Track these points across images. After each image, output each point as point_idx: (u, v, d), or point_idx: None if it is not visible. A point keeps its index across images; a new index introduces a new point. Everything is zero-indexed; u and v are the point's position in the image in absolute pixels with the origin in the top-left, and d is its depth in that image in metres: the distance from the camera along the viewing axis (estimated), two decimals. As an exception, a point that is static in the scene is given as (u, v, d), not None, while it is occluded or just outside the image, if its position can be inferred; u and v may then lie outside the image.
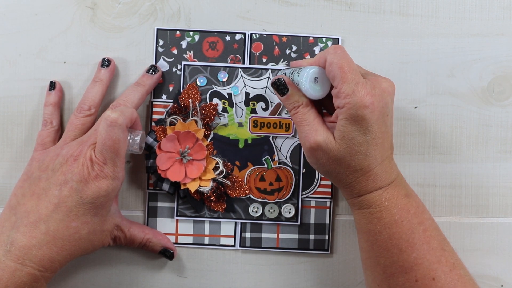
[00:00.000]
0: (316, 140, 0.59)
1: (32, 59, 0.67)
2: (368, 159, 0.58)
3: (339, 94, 0.57)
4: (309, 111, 0.61)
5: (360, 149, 0.58)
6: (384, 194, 0.59)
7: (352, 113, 0.57)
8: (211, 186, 0.66)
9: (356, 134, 0.58)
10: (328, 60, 0.58)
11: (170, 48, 0.68)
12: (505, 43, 0.68)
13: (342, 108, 0.57)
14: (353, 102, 0.57)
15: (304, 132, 0.60)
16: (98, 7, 0.67)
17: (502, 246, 0.69)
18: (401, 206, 0.59)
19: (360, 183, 0.59)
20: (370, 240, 0.60)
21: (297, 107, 0.61)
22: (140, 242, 0.66)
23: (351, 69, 0.57)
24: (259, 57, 0.68)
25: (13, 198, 0.61)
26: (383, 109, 0.58)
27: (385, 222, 0.59)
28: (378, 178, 0.59)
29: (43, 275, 0.59)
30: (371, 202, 0.60)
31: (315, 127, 0.60)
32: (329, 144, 0.59)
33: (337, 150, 0.58)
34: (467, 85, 0.68)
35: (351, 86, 0.57)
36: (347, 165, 0.59)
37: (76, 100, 0.68)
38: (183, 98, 0.67)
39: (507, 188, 0.69)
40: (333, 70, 0.58)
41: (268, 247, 0.69)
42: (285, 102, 0.62)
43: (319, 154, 0.59)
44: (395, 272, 0.59)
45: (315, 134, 0.59)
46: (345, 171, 0.59)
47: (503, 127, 0.69)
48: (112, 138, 0.59)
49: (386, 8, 0.68)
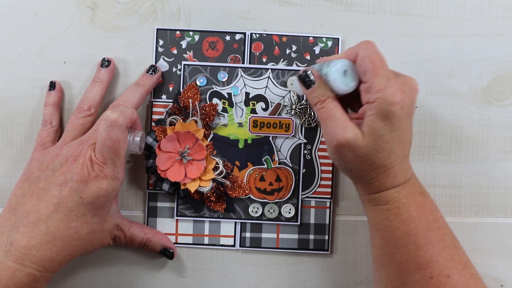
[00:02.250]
0: (346, 137, 0.57)
1: (32, 59, 0.67)
2: (391, 156, 0.58)
3: (370, 88, 0.56)
4: (336, 106, 0.59)
5: (386, 146, 0.57)
6: (402, 191, 0.59)
7: (383, 108, 0.56)
8: (211, 186, 0.66)
9: (384, 130, 0.57)
10: (361, 54, 0.57)
11: (170, 48, 0.68)
12: (505, 43, 0.68)
13: (373, 103, 0.56)
14: (385, 97, 0.56)
15: (332, 128, 0.58)
16: (98, 7, 0.67)
17: (502, 246, 0.69)
18: (418, 204, 0.59)
19: (380, 179, 0.59)
20: (386, 237, 0.60)
21: (322, 101, 0.59)
22: (140, 242, 0.66)
23: (383, 65, 0.57)
24: (259, 57, 0.68)
25: (13, 198, 0.61)
26: (411, 106, 0.58)
27: (403, 218, 0.59)
28: (398, 176, 0.59)
29: (43, 275, 0.59)
30: (389, 199, 0.59)
31: (343, 123, 0.58)
32: (357, 141, 0.57)
33: (365, 147, 0.57)
34: (467, 85, 0.68)
35: (383, 81, 0.56)
36: (371, 162, 0.58)
37: (76, 100, 0.68)
38: (183, 98, 0.67)
39: (507, 188, 0.69)
40: (365, 64, 0.57)
41: (268, 247, 0.69)
42: (310, 96, 0.60)
43: (346, 152, 0.58)
44: (411, 269, 0.59)
45: (344, 130, 0.57)
46: (368, 167, 0.58)
47: (503, 127, 0.69)
48: (112, 138, 0.59)
49: (386, 8, 0.68)
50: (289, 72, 0.68)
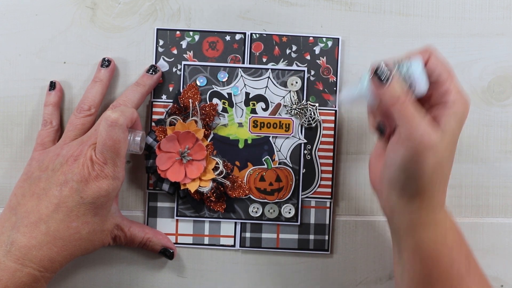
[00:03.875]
0: (432, 139, 0.52)
1: (32, 59, 0.67)
2: (451, 168, 0.55)
3: (449, 91, 0.54)
4: (416, 104, 0.53)
5: (454, 155, 0.55)
6: (447, 212, 0.57)
7: (461, 111, 0.54)
8: (211, 186, 0.66)
9: (458, 135, 0.54)
10: (434, 55, 0.55)
11: (170, 48, 0.68)
12: (505, 43, 0.68)
13: (453, 104, 0.54)
14: (463, 100, 0.54)
15: (415, 129, 0.52)
16: (98, 7, 0.67)
17: (502, 246, 0.69)
18: (458, 230, 0.57)
19: (442, 193, 0.55)
20: (429, 266, 0.55)
21: (404, 99, 0.53)
22: (140, 242, 0.66)
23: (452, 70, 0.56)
24: (259, 57, 0.68)
25: (13, 198, 0.61)
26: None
27: (450, 242, 0.55)
28: (445, 194, 0.56)
29: (43, 275, 0.59)
30: (439, 219, 0.55)
31: (428, 123, 0.52)
32: (442, 144, 0.52)
33: (446, 150, 0.53)
34: (467, 85, 0.68)
35: (458, 85, 0.55)
36: (442, 170, 0.53)
37: (76, 100, 0.68)
38: (183, 98, 0.67)
39: (507, 188, 0.69)
40: (440, 66, 0.55)
41: (268, 247, 0.69)
42: (387, 93, 0.53)
43: (429, 156, 0.52)
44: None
45: (430, 131, 0.52)
46: (438, 176, 0.53)
47: (503, 127, 0.69)
48: (113, 138, 0.59)
49: (386, 8, 0.68)
50: (289, 72, 0.68)
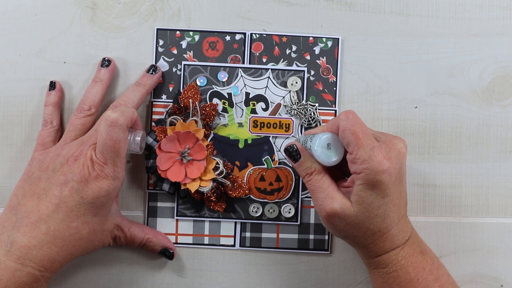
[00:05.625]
0: (333, 208, 0.58)
1: (32, 59, 0.67)
2: (385, 221, 0.58)
3: (355, 160, 0.57)
4: (323, 177, 0.60)
5: (378, 212, 0.58)
6: (400, 252, 0.59)
7: (370, 178, 0.56)
8: (211, 186, 0.66)
9: (374, 198, 0.57)
10: (341, 126, 0.58)
11: (170, 48, 0.68)
12: (505, 43, 0.68)
13: (360, 173, 0.57)
14: (370, 167, 0.56)
15: (320, 200, 0.59)
16: (98, 7, 0.67)
17: (502, 246, 0.69)
18: (417, 264, 0.59)
19: (377, 244, 0.59)
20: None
21: (310, 174, 0.60)
22: (140, 242, 0.66)
23: (365, 134, 0.57)
24: (259, 57, 0.68)
25: (14, 198, 0.61)
26: (400, 170, 0.58)
27: (401, 281, 0.59)
28: (395, 238, 0.59)
29: (43, 275, 0.59)
30: (388, 262, 0.59)
31: (330, 194, 0.59)
32: (346, 211, 0.58)
33: (355, 216, 0.58)
34: (467, 85, 0.68)
35: (367, 152, 0.56)
36: (366, 228, 0.58)
37: (76, 100, 0.68)
38: (183, 98, 0.67)
39: (507, 188, 0.69)
40: (347, 136, 0.57)
41: (268, 247, 0.69)
42: (298, 169, 0.61)
43: (336, 221, 0.59)
44: None
45: (331, 201, 0.58)
46: (363, 234, 0.59)
47: (503, 127, 0.69)
48: (113, 138, 0.59)
49: (386, 8, 0.68)
50: (289, 72, 0.68)
